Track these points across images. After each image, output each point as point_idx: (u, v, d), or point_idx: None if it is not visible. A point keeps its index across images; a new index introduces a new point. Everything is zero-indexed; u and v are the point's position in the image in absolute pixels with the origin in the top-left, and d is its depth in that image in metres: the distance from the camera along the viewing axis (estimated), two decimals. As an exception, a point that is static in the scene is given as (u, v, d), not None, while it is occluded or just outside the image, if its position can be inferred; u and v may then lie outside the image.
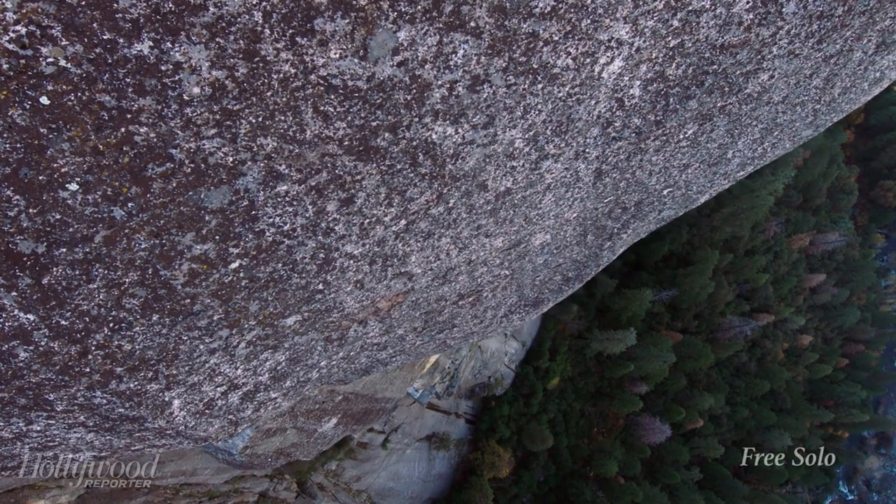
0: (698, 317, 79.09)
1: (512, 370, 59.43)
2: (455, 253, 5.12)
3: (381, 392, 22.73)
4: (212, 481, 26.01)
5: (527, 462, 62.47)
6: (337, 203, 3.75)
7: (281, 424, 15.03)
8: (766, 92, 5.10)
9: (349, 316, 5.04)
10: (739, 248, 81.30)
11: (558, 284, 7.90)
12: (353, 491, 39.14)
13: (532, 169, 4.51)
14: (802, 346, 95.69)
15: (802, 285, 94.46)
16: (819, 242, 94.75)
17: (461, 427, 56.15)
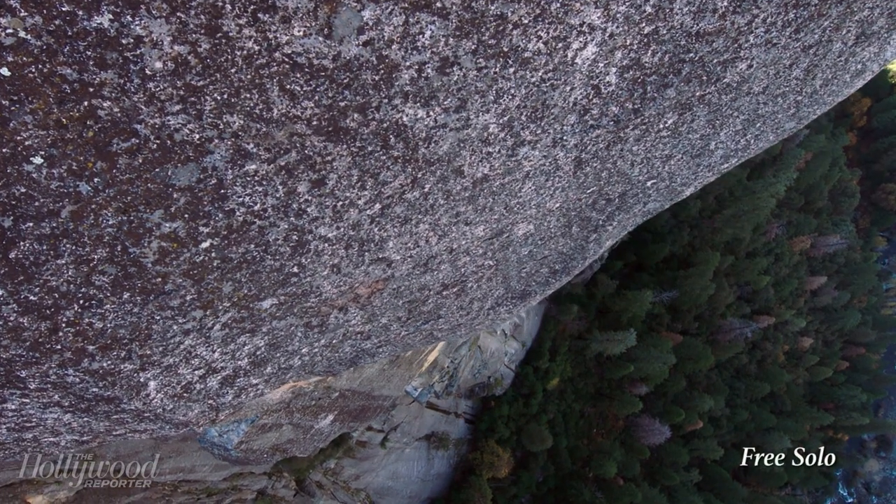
0: (699, 318, 79.05)
1: (512, 370, 59.42)
2: (435, 240, 5.12)
3: (379, 390, 22.70)
4: (210, 478, 26.06)
5: (526, 462, 62.45)
6: (308, 184, 3.74)
7: (276, 420, 15.01)
8: (746, 82, 5.08)
9: (328, 301, 5.05)
10: (740, 250, 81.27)
11: (545, 277, 7.89)
12: (352, 490, 39.14)
13: (509, 155, 4.49)
14: (803, 348, 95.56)
15: (803, 288, 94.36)
16: (820, 245, 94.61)
17: (460, 427, 56.12)
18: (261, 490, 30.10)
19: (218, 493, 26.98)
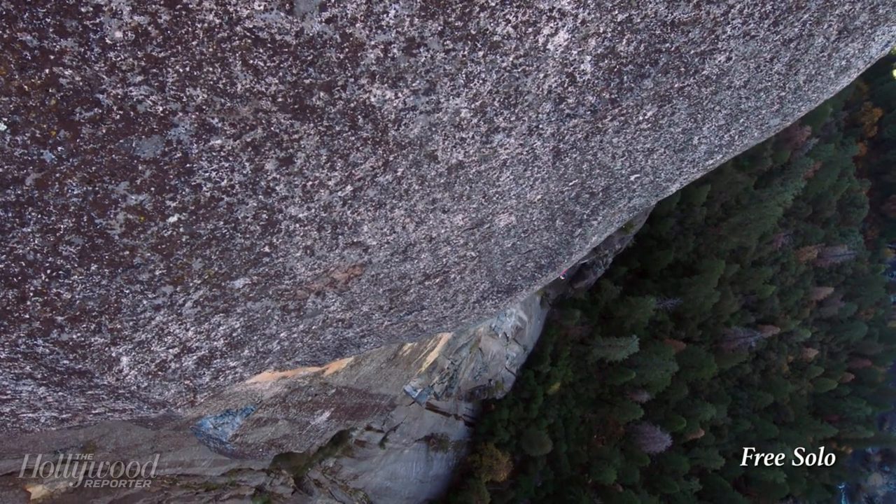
0: (702, 326, 78.72)
1: (513, 374, 59.34)
2: (412, 227, 5.13)
3: (376, 388, 22.76)
4: (209, 473, 26.13)
5: (525, 467, 62.31)
6: (276, 162, 3.76)
7: (272, 415, 15.08)
8: (726, 75, 5.06)
9: (303, 285, 5.06)
10: (746, 259, 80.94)
11: (531, 272, 7.89)
12: (350, 489, 39.14)
13: (483, 142, 4.49)
14: (808, 359, 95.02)
15: (809, 298, 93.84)
16: (827, 255, 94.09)
17: (460, 429, 56.05)
18: (259, 486, 30.13)
19: (216, 489, 27.03)
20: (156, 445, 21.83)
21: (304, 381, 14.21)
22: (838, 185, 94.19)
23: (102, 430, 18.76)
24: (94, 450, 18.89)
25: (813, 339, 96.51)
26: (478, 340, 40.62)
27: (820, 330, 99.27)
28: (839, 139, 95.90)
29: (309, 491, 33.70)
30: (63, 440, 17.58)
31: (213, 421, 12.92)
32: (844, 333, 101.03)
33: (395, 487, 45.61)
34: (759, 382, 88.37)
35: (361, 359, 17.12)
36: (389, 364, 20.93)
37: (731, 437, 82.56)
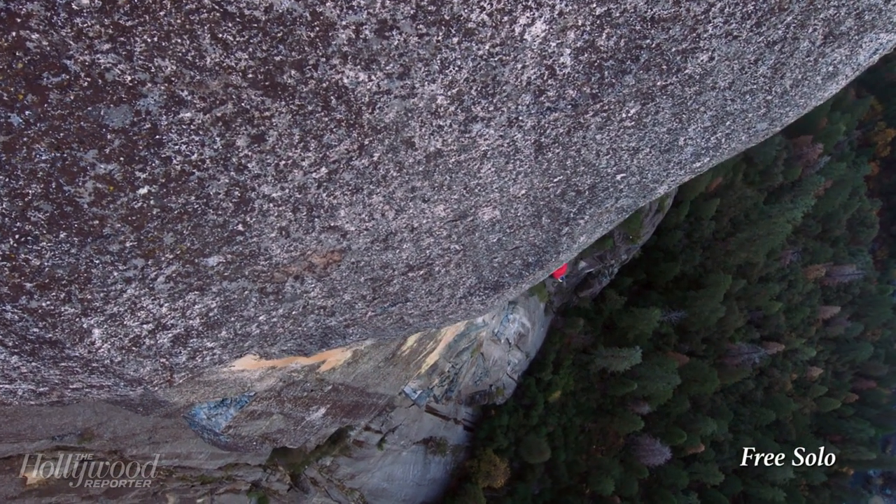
0: (706, 341, 78.40)
1: (514, 380, 59.22)
2: (392, 215, 5.13)
3: (373, 387, 22.75)
4: (205, 466, 26.25)
5: (523, 474, 62.13)
6: (247, 139, 3.78)
7: (266, 408, 15.10)
8: (710, 75, 5.04)
9: (280, 267, 5.08)
10: (753, 275, 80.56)
11: (518, 269, 7.88)
12: (347, 489, 39.16)
13: (462, 131, 4.50)
14: (812, 378, 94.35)
15: (816, 316, 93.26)
16: (835, 274, 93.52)
17: (459, 433, 56.00)
18: (255, 482, 30.25)
19: (212, 482, 27.16)
20: (153, 436, 21.96)
21: (298, 376, 14.22)
22: (849, 204, 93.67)
23: (100, 419, 18.90)
24: (91, 437, 19.01)
25: (818, 357, 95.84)
26: (480, 345, 40.57)
27: (825, 349, 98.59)
28: (851, 158, 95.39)
29: (305, 489, 33.76)
30: (61, 427, 17.70)
31: (207, 411, 12.97)
32: (850, 353, 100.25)
33: (391, 489, 45.59)
34: (761, 399, 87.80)
35: (359, 356, 17.11)
36: (388, 363, 20.90)
37: (731, 454, 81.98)
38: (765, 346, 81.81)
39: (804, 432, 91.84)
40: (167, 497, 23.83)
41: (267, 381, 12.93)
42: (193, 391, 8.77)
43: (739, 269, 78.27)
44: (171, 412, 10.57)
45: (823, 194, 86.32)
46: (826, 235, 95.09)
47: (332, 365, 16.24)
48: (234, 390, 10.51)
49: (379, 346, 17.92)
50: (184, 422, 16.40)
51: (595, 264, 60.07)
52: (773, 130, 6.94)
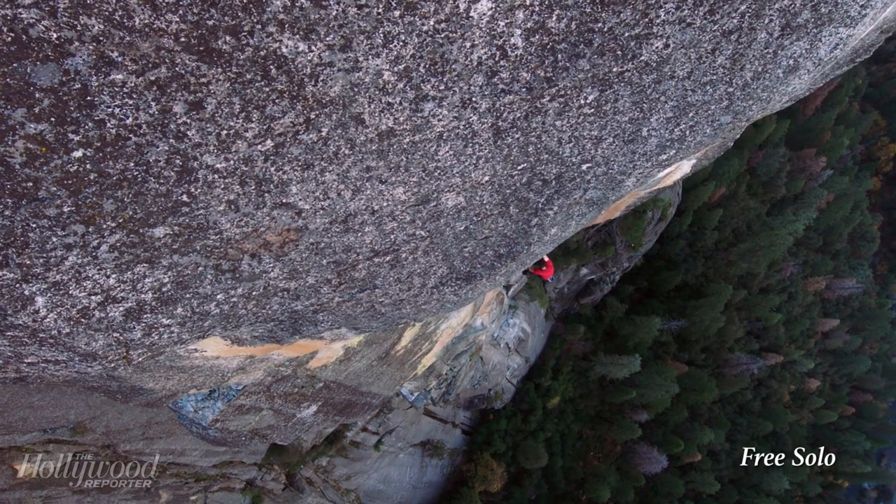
0: (706, 350, 78.46)
1: (513, 385, 59.16)
2: (349, 195, 5.11)
3: (367, 386, 22.68)
4: (200, 463, 26.20)
5: (519, 479, 62.11)
6: (184, 105, 3.72)
7: (255, 403, 15.07)
8: (667, 63, 5.04)
9: (233, 244, 5.04)
10: (754, 286, 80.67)
11: (490, 260, 7.81)
12: (342, 490, 39.06)
13: (414, 110, 4.48)
14: (809, 389, 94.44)
15: (815, 329, 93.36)
16: (835, 287, 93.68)
17: (457, 437, 55.95)
18: (250, 480, 30.17)
19: (206, 479, 27.09)
20: (147, 431, 21.90)
21: (286, 370, 14.21)
22: (850, 218, 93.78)
23: (93, 413, 18.83)
24: (84, 431, 18.95)
25: (816, 370, 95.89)
26: (479, 348, 40.49)
27: (823, 361, 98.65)
28: (854, 172, 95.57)
29: (300, 489, 33.66)
30: (53, 419, 17.64)
31: (195, 404, 13.01)
32: (848, 366, 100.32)
33: (387, 491, 45.52)
34: (759, 410, 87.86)
35: (351, 354, 17.08)
36: (381, 362, 20.85)
37: (728, 463, 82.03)
38: (763, 356, 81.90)
39: (801, 443, 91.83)
40: (160, 493, 23.79)
41: (253, 375, 12.90)
42: (168, 377, 8.73)
43: (740, 280, 78.39)
44: (153, 401, 10.49)
45: (825, 207, 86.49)
46: (827, 248, 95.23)
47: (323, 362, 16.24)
48: (212, 380, 10.46)
49: (371, 345, 17.90)
50: (165, 409, 16.41)
51: (597, 271, 60.10)
52: (739, 125, 6.95)
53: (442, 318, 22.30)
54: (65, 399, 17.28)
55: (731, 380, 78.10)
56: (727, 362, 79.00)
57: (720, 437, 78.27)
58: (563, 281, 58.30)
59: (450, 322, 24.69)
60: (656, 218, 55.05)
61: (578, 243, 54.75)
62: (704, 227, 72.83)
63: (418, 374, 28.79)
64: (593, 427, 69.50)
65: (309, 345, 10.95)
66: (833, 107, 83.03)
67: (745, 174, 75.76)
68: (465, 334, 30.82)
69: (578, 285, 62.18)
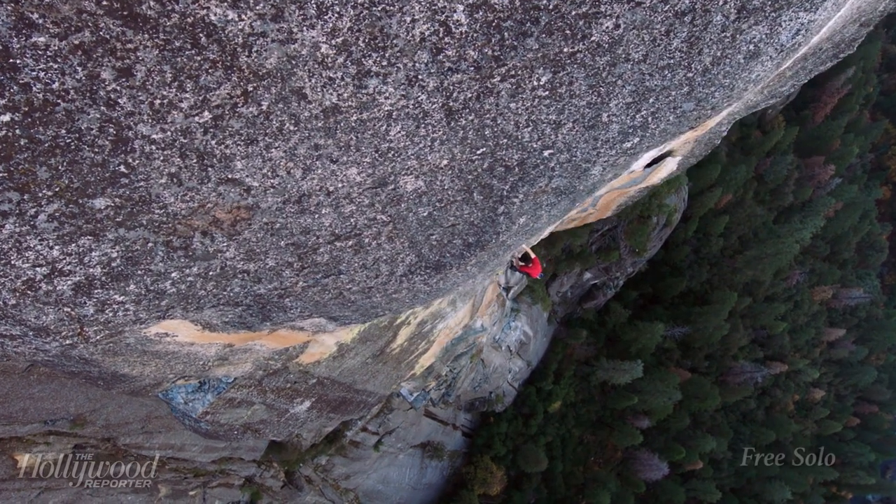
0: (709, 357, 78.09)
1: (514, 388, 59.11)
2: (299, 174, 5.04)
3: (362, 384, 22.62)
4: (199, 459, 26.30)
5: (519, 483, 61.99)
6: (112, 72, 3.65)
7: (247, 396, 15.05)
8: (620, 45, 4.94)
9: (181, 219, 4.97)
10: (759, 294, 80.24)
11: (459, 249, 7.74)
12: (341, 489, 39.11)
13: (357, 86, 4.39)
14: (814, 399, 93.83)
15: (820, 338, 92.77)
16: (842, 297, 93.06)
17: (457, 439, 55.94)
18: (249, 477, 30.25)
19: (205, 475, 27.18)
20: (146, 426, 21.99)
21: (276, 364, 14.20)
22: (859, 227, 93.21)
23: (93, 405, 18.93)
24: (83, 424, 19.04)
25: (821, 379, 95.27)
26: (479, 351, 40.46)
27: (828, 371, 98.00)
28: (863, 181, 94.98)
29: (299, 487, 33.71)
30: (53, 411, 17.72)
31: (185, 395, 13.04)
32: (853, 377, 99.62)
33: (386, 492, 45.54)
34: (762, 419, 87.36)
35: (345, 351, 17.06)
36: (376, 360, 20.81)
37: (729, 472, 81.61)
38: (768, 365, 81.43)
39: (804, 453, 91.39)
40: (159, 488, 23.88)
41: (241, 367, 12.88)
42: (144, 363, 8.69)
43: (746, 288, 77.97)
44: (138, 390, 10.45)
45: (833, 216, 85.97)
46: (834, 257, 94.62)
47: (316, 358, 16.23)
48: (193, 368, 10.42)
49: (366, 342, 17.86)
50: (151, 398, 16.44)
51: (600, 276, 60.00)
52: (704, 113, 6.79)
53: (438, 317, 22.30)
54: (65, 391, 17.36)
55: (735, 388, 77.70)
56: (731, 370, 78.61)
57: (722, 445, 77.88)
58: (567, 285, 58.23)
59: (447, 322, 24.66)
60: (661, 223, 54.92)
61: (582, 247, 54.72)
62: (710, 234, 72.57)
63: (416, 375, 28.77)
64: (594, 432, 69.33)
65: (290, 336, 10.91)
66: (843, 114, 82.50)
67: (752, 181, 75.45)
68: (464, 335, 30.77)
69: (582, 289, 62.07)
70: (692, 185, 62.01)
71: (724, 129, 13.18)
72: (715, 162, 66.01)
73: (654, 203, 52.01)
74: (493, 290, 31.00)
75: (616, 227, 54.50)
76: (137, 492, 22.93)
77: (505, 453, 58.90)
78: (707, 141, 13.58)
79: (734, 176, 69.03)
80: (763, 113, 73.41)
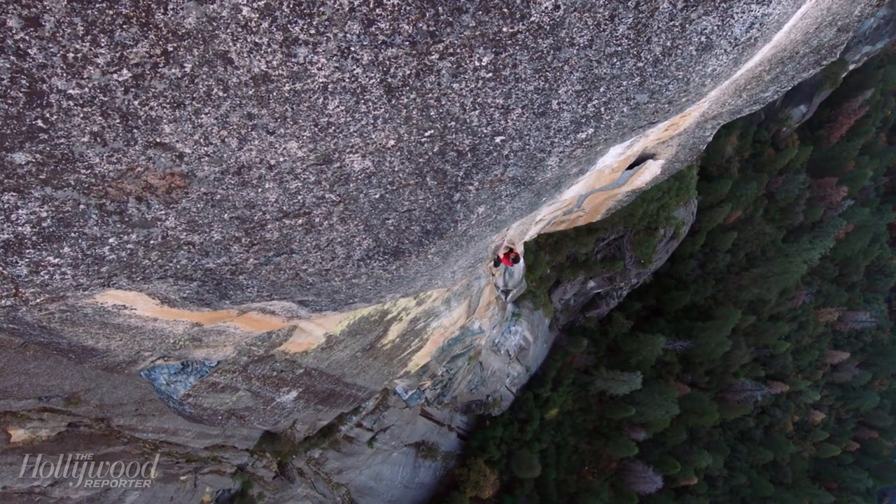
0: (710, 373, 77.76)
1: (512, 393, 59.00)
2: (234, 143, 4.94)
3: (351, 377, 22.58)
4: (192, 444, 26.44)
5: (511, 488, 61.89)
6: (19, 20, 3.56)
7: (231, 382, 15.01)
8: (562, 27, 4.81)
9: (111, 182, 4.86)
10: (764, 312, 79.80)
11: (418, 236, 7.65)
12: (333, 483, 39.14)
13: (287, 54, 4.30)
14: (814, 422, 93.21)
15: (824, 360, 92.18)
16: (848, 320, 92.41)
17: (452, 440, 55.90)
18: (241, 466, 30.35)
19: (197, 461, 27.31)
20: (140, 408, 22.12)
21: (259, 350, 14.15)
22: (869, 251, 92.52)
23: (88, 384, 19.07)
24: (77, 402, 19.17)
25: (822, 402, 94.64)
26: (478, 353, 40.39)
27: (830, 394, 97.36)
28: (876, 204, 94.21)
29: (291, 478, 33.76)
30: (48, 388, 17.85)
31: (167, 377, 13.09)
32: (855, 401, 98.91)
33: (378, 489, 45.54)
34: (760, 438, 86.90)
35: (334, 343, 17.06)
36: (366, 354, 20.76)
37: (724, 490, 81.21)
38: (769, 385, 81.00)
39: (801, 476, 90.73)
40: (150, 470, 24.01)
41: (222, 350, 12.86)
42: (108, 336, 8.65)
43: (750, 305, 77.57)
44: (112, 366, 10.40)
45: (844, 238, 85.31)
46: (842, 280, 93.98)
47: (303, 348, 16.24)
48: (162, 346, 10.35)
49: (355, 335, 17.83)
50: (130, 375, 16.46)
51: (604, 285, 59.79)
52: (661, 108, 6.68)
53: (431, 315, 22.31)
54: (60, 369, 17.48)
55: (734, 405, 77.30)
56: (731, 387, 78.23)
57: (718, 462, 77.50)
58: (570, 292, 58.06)
59: (441, 321, 24.66)
60: (668, 235, 54.70)
61: (587, 255, 54.54)
62: (717, 249, 72.25)
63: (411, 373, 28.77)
64: (590, 441, 69.14)
65: (263, 320, 10.86)
66: (859, 136, 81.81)
67: (762, 198, 75.01)
68: (461, 336, 30.77)
69: (585, 298, 61.89)
70: (702, 199, 61.74)
71: (708, 135, 13.03)
72: (726, 177, 65.72)
73: (662, 215, 51.80)
74: (489, 291, 30.94)
75: (622, 237, 54.31)
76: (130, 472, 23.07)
77: (499, 457, 58.84)
78: (691, 146, 13.44)
79: (745, 192, 68.64)
80: (777, 130, 72.93)
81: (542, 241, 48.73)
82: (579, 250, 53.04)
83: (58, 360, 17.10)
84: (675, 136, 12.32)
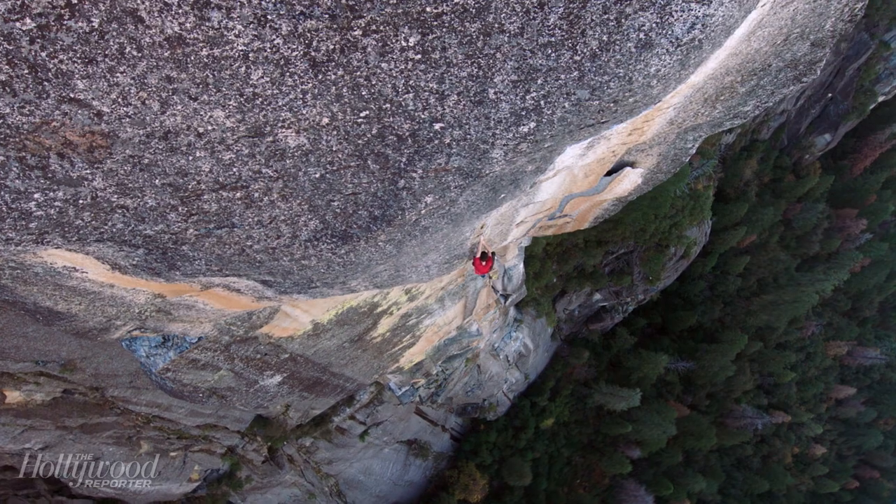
0: (711, 397, 77.07)
1: (509, 399, 58.89)
2: (156, 106, 4.84)
3: (338, 367, 22.56)
4: (184, 422, 26.61)
5: (500, 494, 61.65)
6: None
7: (212, 360, 15.06)
8: (489, 11, 4.72)
9: (25, 133, 4.75)
10: (771, 340, 78.98)
11: (365, 221, 7.55)
12: (322, 473, 39.25)
13: (200, 17, 4.17)
14: (814, 455, 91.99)
15: (829, 394, 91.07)
16: (857, 355, 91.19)
17: (444, 441, 55.84)
18: (231, 447, 30.52)
19: (188, 438, 27.49)
20: (135, 381, 22.27)
21: (238, 330, 14.17)
22: (884, 287, 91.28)
23: (84, 353, 19.23)
24: (73, 369, 19.35)
25: (824, 436, 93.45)
26: (476, 355, 40.34)
27: (833, 429, 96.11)
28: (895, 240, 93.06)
29: (280, 464, 33.88)
30: (45, 353, 18.04)
31: (147, 349, 13.20)
32: (858, 438, 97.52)
33: (367, 483, 45.58)
34: (757, 467, 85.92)
35: (321, 330, 17.08)
36: (353, 346, 20.72)
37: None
38: (771, 413, 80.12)
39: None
40: (141, 443, 24.21)
41: (200, 327, 12.96)
42: (66, 299, 8.62)
43: (758, 331, 76.83)
44: (83, 332, 10.38)
45: (859, 271, 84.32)
46: (854, 314, 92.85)
47: (289, 333, 16.27)
48: (126, 314, 10.28)
49: (343, 325, 17.80)
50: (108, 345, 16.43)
51: (610, 299, 59.51)
52: (606, 106, 6.55)
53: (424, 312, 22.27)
54: (58, 335, 17.63)
55: (733, 431, 76.49)
56: (731, 413, 77.44)
57: (713, 487, 76.76)
58: (575, 303, 57.85)
59: (434, 319, 24.62)
60: (679, 254, 54.34)
61: (595, 267, 54.34)
62: (729, 272, 71.70)
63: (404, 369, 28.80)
64: (584, 455, 68.76)
65: (230, 297, 10.78)
66: (883, 170, 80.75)
67: (779, 224, 74.31)
68: (458, 337, 30.75)
69: (590, 310, 61.63)
70: (716, 221, 61.27)
71: (689, 147, 12.86)
72: (743, 200, 65.19)
73: (674, 233, 51.49)
74: (486, 293, 30.89)
75: (632, 252, 54.05)
76: (120, 444, 23.28)
77: (491, 462, 58.66)
78: (673, 156, 13.28)
79: (761, 217, 68.05)
80: (800, 157, 72.21)
81: (551, 250, 48.62)
82: (587, 262, 52.87)
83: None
84: (653, 146, 12.23)
